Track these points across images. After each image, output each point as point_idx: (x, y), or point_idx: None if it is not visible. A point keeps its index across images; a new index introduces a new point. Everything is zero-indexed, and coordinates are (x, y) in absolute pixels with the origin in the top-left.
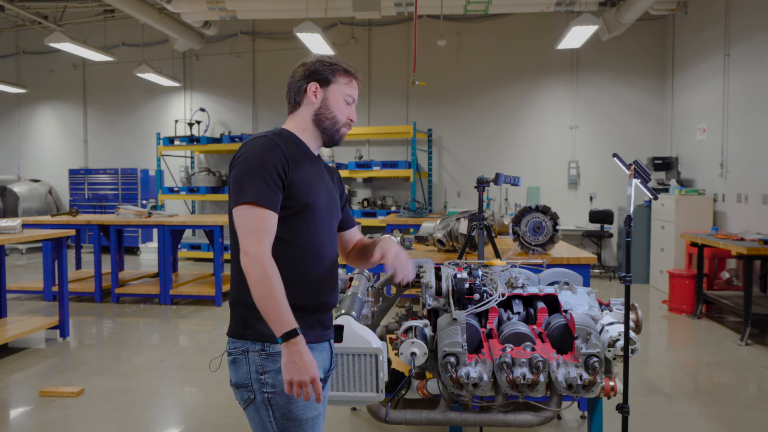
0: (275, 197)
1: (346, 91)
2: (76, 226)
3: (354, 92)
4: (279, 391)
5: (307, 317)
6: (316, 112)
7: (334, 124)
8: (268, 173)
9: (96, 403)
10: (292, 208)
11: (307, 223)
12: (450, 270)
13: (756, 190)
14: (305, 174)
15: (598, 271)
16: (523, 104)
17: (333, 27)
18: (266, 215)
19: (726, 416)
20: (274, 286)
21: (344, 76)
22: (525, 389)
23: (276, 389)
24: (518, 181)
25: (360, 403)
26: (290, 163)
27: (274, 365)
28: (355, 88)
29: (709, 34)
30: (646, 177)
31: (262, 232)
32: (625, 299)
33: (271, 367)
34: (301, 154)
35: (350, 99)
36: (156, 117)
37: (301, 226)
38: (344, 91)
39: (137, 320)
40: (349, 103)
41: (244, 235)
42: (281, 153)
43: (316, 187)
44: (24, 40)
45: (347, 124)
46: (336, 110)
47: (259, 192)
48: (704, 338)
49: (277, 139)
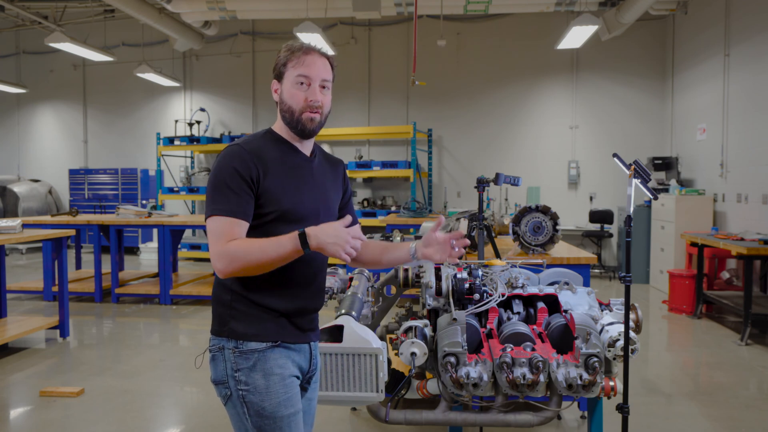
0: (243, 205)
1: (295, 74)
2: (76, 226)
3: (308, 69)
4: (252, 388)
5: (288, 320)
6: (280, 109)
7: (291, 114)
8: (234, 183)
9: (96, 403)
10: (268, 216)
11: (286, 229)
12: (450, 270)
13: (756, 190)
14: (280, 178)
15: (598, 271)
16: (523, 104)
17: (333, 27)
18: (230, 222)
19: (726, 416)
20: (250, 249)
21: (293, 59)
22: (525, 389)
23: (249, 386)
24: (518, 181)
25: (360, 403)
26: (260, 169)
27: (247, 363)
28: (308, 65)
29: (709, 34)
30: (646, 177)
31: (220, 237)
32: (625, 299)
33: (244, 365)
34: (277, 156)
35: (303, 79)
36: (156, 117)
37: (280, 233)
38: (293, 75)
39: (137, 320)
40: (303, 84)
41: (211, 244)
42: (249, 161)
43: (296, 190)
44: (24, 40)
45: (309, 107)
46: (289, 100)
47: (224, 204)
48: (704, 338)
49: (246, 146)
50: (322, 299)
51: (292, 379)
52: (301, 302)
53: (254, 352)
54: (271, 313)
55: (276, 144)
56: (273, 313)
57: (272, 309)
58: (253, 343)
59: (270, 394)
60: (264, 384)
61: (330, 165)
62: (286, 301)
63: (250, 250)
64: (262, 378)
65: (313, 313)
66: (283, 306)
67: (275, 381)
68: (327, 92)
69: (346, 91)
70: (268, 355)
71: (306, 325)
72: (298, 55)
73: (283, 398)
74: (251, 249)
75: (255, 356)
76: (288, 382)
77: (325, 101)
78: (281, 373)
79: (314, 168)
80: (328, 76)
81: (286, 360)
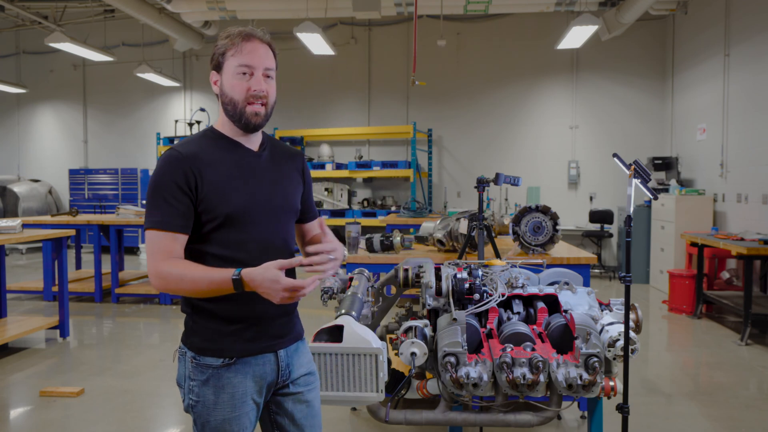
0: (178, 216)
1: (235, 63)
2: (76, 226)
3: (250, 58)
4: (201, 401)
5: (249, 329)
6: (222, 102)
7: (234, 106)
8: (166, 191)
9: (96, 403)
10: (213, 222)
11: (234, 233)
12: (450, 270)
13: (756, 190)
14: (221, 180)
15: (598, 271)
16: (523, 104)
17: (333, 27)
18: (164, 238)
19: (726, 416)
20: (184, 276)
21: (232, 47)
22: (525, 389)
23: (199, 399)
24: (518, 181)
25: (360, 403)
26: (196, 173)
27: (201, 376)
28: (248, 52)
29: (709, 34)
30: (646, 177)
31: (156, 253)
32: (625, 299)
33: (199, 377)
34: (217, 157)
35: (245, 69)
36: (156, 117)
37: (228, 238)
38: (233, 64)
39: (137, 320)
40: (245, 74)
41: (147, 259)
42: (184, 166)
43: (240, 191)
44: (24, 40)
45: (252, 97)
46: (231, 91)
47: (159, 216)
48: (704, 338)
49: (182, 149)
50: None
51: (245, 398)
52: (265, 306)
53: (209, 368)
54: (232, 324)
55: (216, 143)
56: (234, 323)
57: (233, 317)
58: (209, 359)
59: (217, 410)
60: (213, 399)
61: (286, 157)
62: (248, 307)
63: (182, 278)
64: (212, 393)
65: (283, 317)
66: (245, 312)
67: (225, 399)
68: (271, 81)
69: (346, 91)
70: (222, 373)
71: (274, 331)
72: (237, 42)
73: (229, 416)
74: (183, 278)
75: (209, 372)
76: (238, 401)
77: (270, 91)
78: (233, 392)
79: (262, 163)
80: (272, 63)
81: (243, 378)
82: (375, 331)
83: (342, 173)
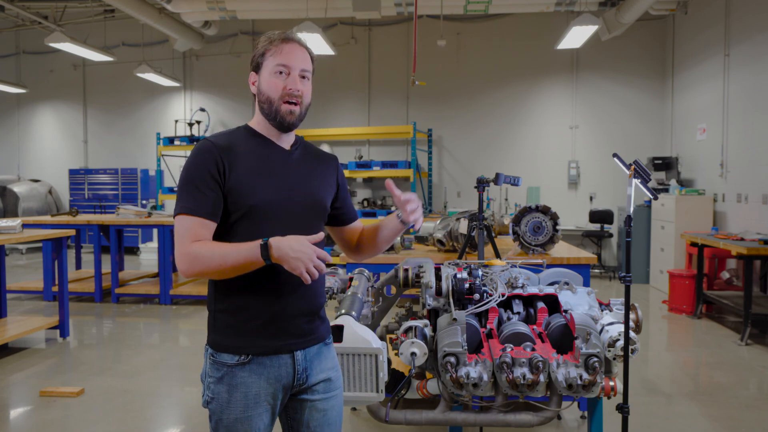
0: (208, 204)
1: (274, 63)
2: (76, 226)
3: (286, 58)
4: (216, 398)
5: (268, 326)
6: (258, 101)
7: (270, 104)
8: (199, 179)
9: (96, 403)
10: (237, 213)
11: (256, 226)
12: (450, 270)
13: (756, 190)
14: (250, 172)
15: (598, 271)
16: (523, 104)
17: (333, 27)
18: (194, 222)
19: (726, 416)
20: (213, 252)
21: (270, 48)
22: (525, 389)
23: (214, 396)
24: (518, 181)
25: (360, 403)
26: (227, 163)
27: (217, 373)
28: (287, 53)
29: (709, 34)
30: (646, 177)
31: (185, 237)
32: (625, 299)
33: (214, 375)
34: (249, 150)
35: (282, 68)
36: (156, 117)
37: (252, 230)
38: (272, 64)
39: (137, 320)
40: (282, 73)
41: (176, 244)
42: (215, 155)
43: (267, 185)
44: (24, 40)
45: (288, 95)
46: (268, 89)
47: (189, 202)
48: (704, 338)
49: (216, 140)
50: (318, 301)
51: (258, 399)
52: (284, 304)
53: (224, 365)
54: (251, 320)
55: (250, 138)
56: (253, 319)
57: (252, 313)
58: (225, 356)
59: (230, 408)
60: (226, 398)
61: (319, 160)
62: (269, 303)
63: (212, 255)
64: (226, 392)
65: (304, 316)
66: (267, 309)
67: (237, 397)
68: (307, 83)
69: (346, 91)
70: (236, 372)
71: (293, 329)
72: (276, 44)
73: (241, 415)
74: (213, 254)
75: (224, 369)
76: (251, 401)
77: (305, 91)
78: (246, 392)
79: (292, 160)
80: (308, 66)
81: (257, 378)
82: (375, 331)
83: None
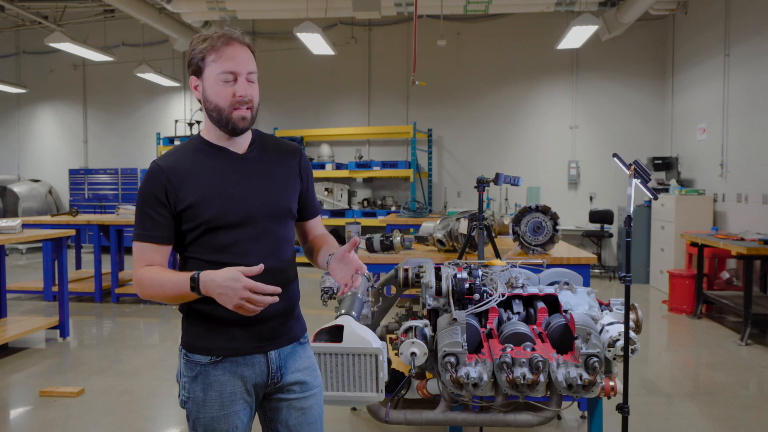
0: (159, 228)
1: (218, 71)
2: (76, 226)
3: (231, 63)
4: (192, 398)
5: (240, 329)
6: (206, 109)
7: (219, 113)
8: (147, 204)
9: (96, 403)
10: (197, 230)
11: (220, 239)
12: (450, 270)
13: (756, 190)
14: (201, 188)
15: (598, 271)
16: (523, 104)
17: (333, 27)
18: (143, 247)
19: (726, 416)
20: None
21: (212, 52)
22: (525, 389)
23: (189, 396)
24: (518, 181)
25: (360, 403)
26: (175, 184)
27: (191, 372)
28: (230, 57)
29: (709, 34)
30: (646, 177)
31: (138, 260)
32: (625, 299)
33: (188, 374)
34: (197, 165)
35: (228, 76)
36: (156, 117)
37: (214, 243)
38: (216, 71)
39: (137, 320)
40: (229, 81)
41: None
42: (161, 179)
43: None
44: (24, 40)
45: (238, 102)
46: (215, 98)
47: (141, 228)
48: (704, 338)
49: (162, 162)
50: (291, 302)
51: (233, 397)
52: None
53: (197, 365)
54: (221, 325)
55: (200, 151)
56: (223, 324)
57: (222, 318)
58: (197, 356)
59: (206, 407)
60: (202, 397)
61: (280, 155)
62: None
63: (153, 283)
64: (201, 391)
65: (276, 319)
66: (238, 315)
67: (213, 396)
68: (254, 85)
69: (346, 91)
70: (209, 370)
71: (265, 333)
72: (218, 47)
73: (217, 414)
74: (153, 283)
75: (197, 369)
76: (227, 399)
77: (254, 94)
78: (221, 390)
79: (248, 165)
80: (253, 67)
81: (230, 376)
82: (375, 331)
83: (342, 173)
